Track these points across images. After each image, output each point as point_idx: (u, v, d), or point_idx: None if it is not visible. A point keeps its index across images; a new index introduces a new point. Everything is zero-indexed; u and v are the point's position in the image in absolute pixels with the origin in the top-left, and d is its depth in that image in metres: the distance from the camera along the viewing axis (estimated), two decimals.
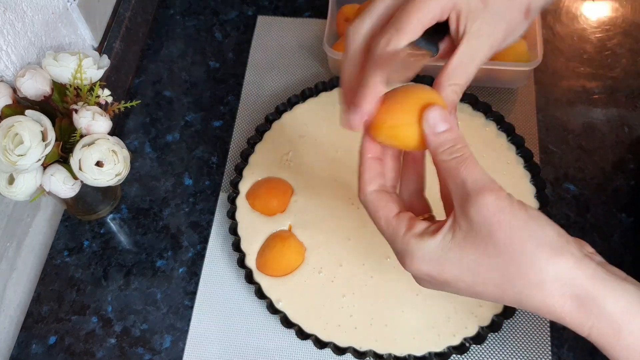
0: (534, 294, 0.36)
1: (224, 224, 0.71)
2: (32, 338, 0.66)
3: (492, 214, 0.36)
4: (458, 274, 0.38)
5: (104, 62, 0.64)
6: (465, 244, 0.37)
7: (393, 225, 0.41)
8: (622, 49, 0.81)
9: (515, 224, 0.36)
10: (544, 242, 0.36)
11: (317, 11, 0.88)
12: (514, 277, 0.36)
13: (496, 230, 0.36)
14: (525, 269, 0.36)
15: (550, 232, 0.36)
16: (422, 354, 0.59)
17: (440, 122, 0.39)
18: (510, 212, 0.36)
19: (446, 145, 0.39)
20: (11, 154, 0.55)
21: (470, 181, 0.37)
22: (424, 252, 0.38)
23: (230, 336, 0.64)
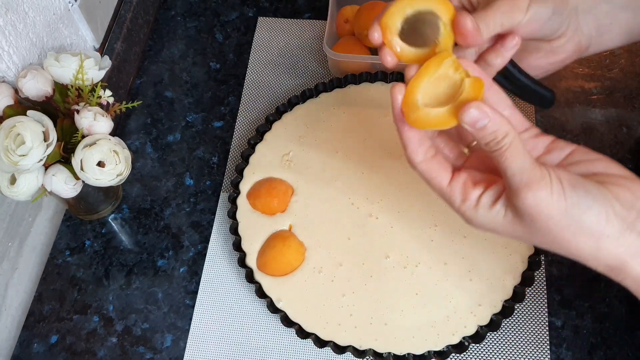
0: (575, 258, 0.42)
1: (224, 223, 0.71)
2: (33, 337, 0.66)
3: (532, 207, 0.40)
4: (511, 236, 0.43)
5: (106, 63, 0.65)
6: (514, 222, 0.42)
7: (447, 195, 0.44)
8: (620, 49, 0.82)
9: (554, 216, 0.40)
10: (581, 230, 0.40)
11: (317, 12, 0.89)
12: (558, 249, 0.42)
13: (537, 219, 0.40)
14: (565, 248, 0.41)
15: (588, 219, 0.40)
16: (421, 352, 0.60)
17: (480, 119, 0.39)
18: (548, 205, 0.39)
19: (488, 138, 0.40)
20: (13, 154, 0.55)
21: (510, 174, 0.40)
22: (481, 220, 0.43)
23: (231, 335, 0.65)
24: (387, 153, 0.71)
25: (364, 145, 0.72)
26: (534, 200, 0.39)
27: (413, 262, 0.64)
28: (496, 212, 0.42)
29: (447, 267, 0.64)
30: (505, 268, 0.63)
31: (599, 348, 0.62)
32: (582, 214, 0.40)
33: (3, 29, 0.59)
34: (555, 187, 0.39)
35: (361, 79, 0.76)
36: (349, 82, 0.76)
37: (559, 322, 0.64)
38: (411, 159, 0.44)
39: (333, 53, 0.76)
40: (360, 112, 0.75)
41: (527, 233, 0.42)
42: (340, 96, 0.76)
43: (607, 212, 0.40)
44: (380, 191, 0.69)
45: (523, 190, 0.39)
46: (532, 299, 0.64)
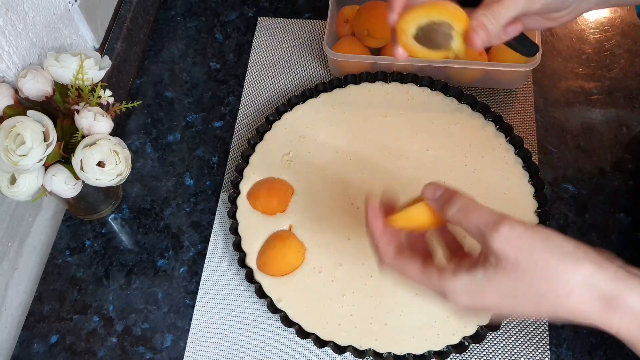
0: (566, 303, 0.39)
1: (224, 223, 0.71)
2: (33, 337, 0.66)
3: (511, 243, 0.40)
4: (497, 301, 0.41)
5: (106, 63, 0.65)
6: (497, 275, 0.40)
7: (424, 276, 0.44)
8: (620, 49, 0.82)
9: (535, 246, 0.39)
10: (564, 256, 0.39)
11: (317, 12, 0.89)
12: (546, 292, 0.39)
13: (520, 256, 0.39)
14: (553, 283, 0.39)
15: (567, 245, 0.40)
16: (421, 352, 0.60)
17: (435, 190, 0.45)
18: (526, 236, 0.40)
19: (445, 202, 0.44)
20: (13, 154, 0.55)
21: (482, 223, 0.41)
22: (462, 287, 0.42)
23: (231, 335, 0.65)
24: (387, 153, 0.72)
25: (364, 145, 0.72)
26: (510, 231, 0.40)
27: None
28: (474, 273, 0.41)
29: None
30: None
31: (599, 348, 0.62)
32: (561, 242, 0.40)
33: (3, 29, 0.59)
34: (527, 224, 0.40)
35: (361, 79, 0.76)
36: (349, 82, 0.76)
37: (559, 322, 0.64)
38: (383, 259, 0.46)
39: (333, 53, 0.76)
40: (360, 112, 0.75)
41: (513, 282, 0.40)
42: (340, 96, 0.76)
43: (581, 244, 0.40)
44: (380, 191, 0.69)
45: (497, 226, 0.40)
46: None
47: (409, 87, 0.76)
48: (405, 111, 0.75)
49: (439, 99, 0.75)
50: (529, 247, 0.39)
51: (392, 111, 0.75)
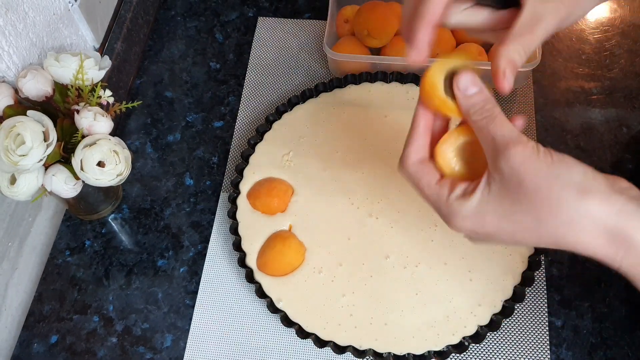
0: (567, 232, 0.38)
1: (224, 223, 0.71)
2: (33, 337, 0.66)
3: (519, 163, 0.38)
4: (497, 223, 0.40)
5: (106, 63, 0.65)
6: (499, 195, 0.39)
7: (436, 191, 0.43)
8: (620, 49, 0.82)
9: (541, 169, 0.38)
10: (570, 183, 0.38)
11: (317, 12, 0.89)
12: (547, 218, 0.38)
13: (524, 178, 0.38)
14: (555, 209, 0.38)
15: (576, 172, 0.38)
16: (421, 352, 0.60)
17: (470, 86, 0.42)
18: (536, 159, 0.38)
19: (477, 106, 0.41)
20: (13, 154, 0.55)
21: (499, 136, 0.40)
22: (467, 210, 0.41)
23: (231, 335, 0.65)
24: (387, 153, 0.71)
25: (364, 145, 0.72)
26: (522, 154, 0.38)
27: (413, 262, 0.64)
28: (481, 190, 0.40)
29: (447, 267, 0.64)
30: (505, 268, 0.63)
31: (599, 348, 0.62)
32: (568, 168, 0.39)
33: (3, 29, 0.59)
34: (541, 148, 0.39)
35: (361, 79, 0.76)
36: (349, 82, 0.76)
37: (559, 322, 0.64)
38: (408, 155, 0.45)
39: (333, 53, 0.76)
40: (360, 112, 0.75)
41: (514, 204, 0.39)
42: (340, 96, 0.76)
43: (592, 172, 0.39)
44: (380, 191, 0.69)
45: (512, 147, 0.39)
46: (532, 299, 0.65)
47: (409, 87, 0.76)
48: (405, 111, 0.74)
49: None
50: (535, 169, 0.38)
51: (392, 111, 0.75)
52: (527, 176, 0.38)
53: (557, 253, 0.67)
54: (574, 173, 0.38)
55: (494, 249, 0.64)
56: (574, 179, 0.38)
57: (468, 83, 0.42)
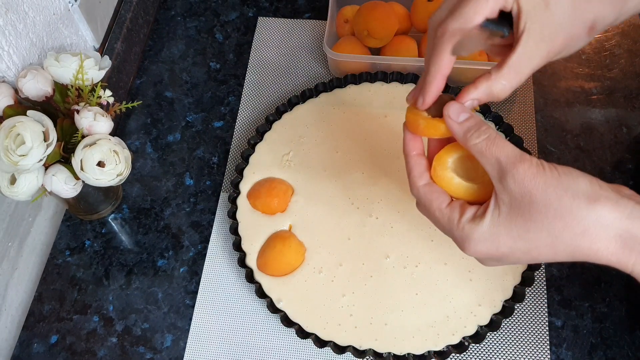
0: (582, 243, 0.39)
1: (224, 223, 0.71)
2: (33, 337, 0.66)
3: (527, 181, 0.39)
4: (512, 244, 0.41)
5: (106, 63, 0.65)
6: (510, 215, 0.40)
7: (447, 215, 0.44)
8: (620, 49, 0.82)
9: (549, 183, 0.39)
10: (578, 193, 0.39)
11: (317, 12, 0.89)
12: (560, 231, 0.39)
13: (534, 194, 0.39)
14: (568, 221, 0.39)
15: (583, 182, 0.39)
16: (421, 352, 0.60)
17: (461, 113, 0.43)
18: (542, 174, 0.39)
19: (472, 130, 0.43)
20: (13, 154, 0.55)
21: (503, 156, 0.41)
22: (479, 234, 0.42)
23: (231, 335, 0.65)
24: (387, 153, 0.72)
25: (364, 145, 0.72)
26: (530, 172, 0.39)
27: (413, 262, 0.64)
28: (491, 213, 0.41)
29: (447, 267, 0.64)
30: (505, 268, 0.63)
31: (599, 348, 0.62)
32: (575, 179, 0.39)
33: (3, 29, 0.59)
34: (545, 163, 0.40)
35: (361, 79, 0.76)
36: (349, 82, 0.76)
37: (559, 322, 0.64)
38: (415, 182, 0.46)
39: (333, 53, 0.76)
40: (360, 112, 0.75)
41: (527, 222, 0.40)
42: (340, 96, 0.76)
43: (597, 181, 0.40)
44: (380, 191, 0.69)
45: (517, 165, 0.40)
46: (532, 299, 0.65)
47: (409, 87, 0.76)
48: (405, 111, 0.74)
49: None
50: (543, 185, 0.39)
51: (392, 111, 0.75)
52: (537, 192, 0.39)
53: None
54: (580, 183, 0.39)
55: None
56: (582, 189, 0.39)
57: (458, 110, 0.44)
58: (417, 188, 0.46)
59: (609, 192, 0.39)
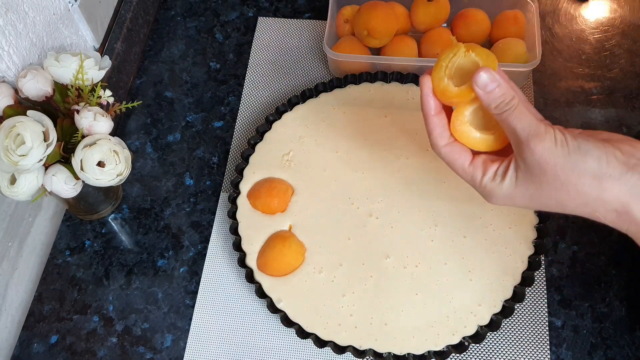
0: (584, 210, 0.45)
1: (224, 223, 0.71)
2: (33, 337, 0.66)
3: (539, 155, 0.44)
4: (527, 202, 0.47)
5: (106, 63, 0.65)
6: (525, 181, 0.45)
7: (470, 173, 0.49)
8: (620, 49, 0.82)
9: (559, 161, 0.43)
10: (585, 171, 0.43)
11: (317, 12, 0.89)
12: (566, 201, 0.45)
13: (545, 168, 0.44)
14: (573, 195, 0.44)
15: (591, 160, 0.43)
16: (421, 352, 0.60)
17: (489, 83, 0.45)
18: (554, 151, 0.43)
19: (497, 101, 0.45)
20: (13, 154, 0.55)
21: (519, 129, 0.44)
22: (499, 192, 0.47)
23: (231, 335, 0.65)
24: (387, 153, 0.72)
25: (364, 145, 0.72)
26: (542, 148, 0.43)
27: (413, 262, 0.64)
28: (509, 179, 0.46)
29: (447, 267, 0.64)
30: (505, 268, 0.63)
31: (599, 348, 0.62)
32: (584, 156, 0.43)
33: (3, 29, 0.59)
34: (559, 138, 0.44)
35: (361, 79, 0.76)
36: (349, 82, 0.76)
37: (559, 322, 0.64)
38: (436, 143, 0.49)
39: (333, 53, 0.76)
40: (360, 112, 0.75)
41: (538, 189, 0.45)
42: (340, 96, 0.76)
43: (607, 156, 0.43)
44: (380, 191, 0.69)
45: (532, 141, 0.44)
46: (532, 299, 0.65)
47: (409, 87, 0.76)
48: (405, 111, 0.75)
49: None
50: (553, 161, 0.43)
51: (392, 111, 0.75)
52: (548, 167, 0.43)
53: (557, 253, 0.67)
54: (588, 161, 0.43)
55: (493, 250, 0.64)
56: (588, 167, 0.43)
57: (487, 80, 0.45)
58: (439, 148, 0.49)
59: (615, 168, 0.42)
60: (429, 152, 0.71)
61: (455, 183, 0.69)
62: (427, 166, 0.70)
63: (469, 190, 0.68)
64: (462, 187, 0.68)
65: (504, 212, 0.66)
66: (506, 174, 0.46)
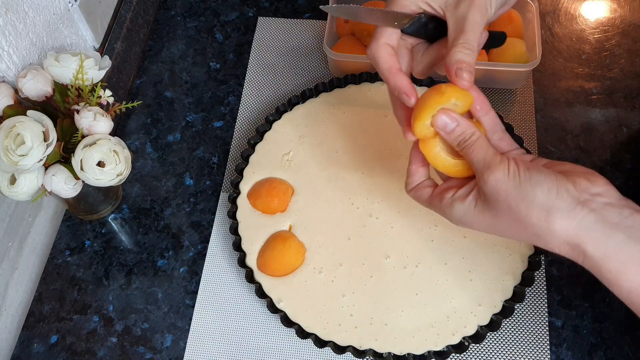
0: (539, 242, 0.45)
1: (224, 223, 0.71)
2: (33, 337, 0.66)
3: (492, 186, 0.45)
4: (486, 229, 0.48)
5: (105, 63, 0.65)
6: (483, 210, 0.47)
7: (432, 205, 0.52)
8: (620, 49, 0.82)
9: (509, 192, 0.44)
10: (533, 204, 0.44)
11: (317, 12, 0.89)
12: (521, 230, 0.45)
13: (497, 199, 0.45)
14: (525, 225, 0.45)
15: (540, 192, 0.43)
16: (421, 352, 0.60)
17: (449, 123, 0.48)
18: (505, 182, 0.45)
19: (458, 138, 0.48)
20: (13, 154, 0.55)
21: (476, 161, 0.47)
22: (456, 214, 0.49)
23: (231, 335, 0.65)
24: (387, 153, 0.72)
25: (364, 145, 0.72)
26: (493, 179, 0.45)
27: (413, 262, 0.64)
28: (468, 203, 0.48)
29: (447, 267, 0.64)
30: (505, 268, 0.63)
31: (599, 348, 0.62)
32: (533, 188, 0.44)
33: (3, 29, 0.59)
34: (512, 168, 0.45)
35: (361, 79, 0.76)
36: (349, 82, 0.76)
37: (559, 322, 0.64)
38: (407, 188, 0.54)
39: (333, 53, 0.76)
40: (360, 112, 0.75)
41: (494, 217, 0.46)
42: (340, 96, 0.76)
43: (558, 188, 0.43)
44: (380, 191, 0.69)
45: (485, 172, 0.46)
46: (532, 299, 0.65)
47: None
48: None
49: None
50: (505, 192, 0.45)
51: (392, 111, 0.74)
52: (499, 197, 0.45)
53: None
54: (537, 193, 0.43)
55: (493, 250, 0.64)
56: (537, 199, 0.43)
57: (446, 121, 0.48)
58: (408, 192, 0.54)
59: (565, 201, 0.43)
60: None
61: None
62: None
63: None
64: None
65: None
66: (467, 197, 0.48)
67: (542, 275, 0.66)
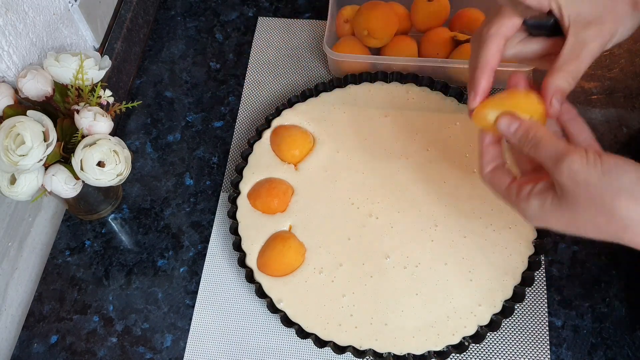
0: (624, 236, 0.42)
1: (224, 223, 0.71)
2: (33, 337, 0.66)
3: (570, 178, 0.42)
4: (564, 228, 0.45)
5: (105, 63, 0.65)
6: (560, 205, 0.44)
7: (507, 194, 0.48)
8: (620, 49, 0.82)
9: (591, 182, 0.41)
10: (619, 192, 0.40)
11: (317, 12, 0.89)
12: (603, 225, 0.42)
13: (577, 191, 0.42)
14: (609, 217, 0.41)
15: (625, 180, 0.40)
16: (421, 352, 0.60)
17: (511, 125, 0.47)
18: (584, 172, 0.41)
19: (522, 139, 0.46)
20: (13, 154, 0.55)
21: (547, 158, 0.44)
22: (531, 211, 0.46)
23: (231, 335, 0.65)
24: (387, 153, 0.72)
25: (364, 145, 0.72)
26: (569, 168, 0.42)
27: (413, 262, 0.64)
28: (544, 199, 0.44)
29: (447, 267, 0.64)
30: (505, 268, 0.63)
31: (599, 348, 0.62)
32: (619, 176, 0.41)
33: (3, 29, 0.59)
34: (591, 156, 0.42)
35: (361, 79, 0.76)
36: (349, 82, 0.76)
37: (559, 322, 0.64)
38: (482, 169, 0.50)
39: (333, 53, 0.76)
40: (360, 112, 0.75)
41: (573, 212, 0.43)
42: (340, 96, 0.76)
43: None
44: (380, 191, 0.69)
45: (559, 163, 0.42)
46: (532, 299, 0.65)
47: (409, 87, 0.76)
48: (405, 111, 0.75)
49: (439, 99, 0.75)
50: (586, 183, 0.41)
51: (392, 111, 0.75)
52: (580, 190, 0.42)
53: (557, 253, 0.67)
54: (624, 179, 0.40)
55: (494, 250, 0.64)
56: (624, 186, 0.40)
57: (507, 123, 0.47)
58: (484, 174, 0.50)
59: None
60: (429, 152, 0.71)
61: (455, 183, 0.69)
62: (427, 166, 0.70)
63: (469, 191, 0.68)
64: (462, 187, 0.68)
65: (504, 212, 0.66)
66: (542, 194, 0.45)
67: (542, 275, 0.66)
